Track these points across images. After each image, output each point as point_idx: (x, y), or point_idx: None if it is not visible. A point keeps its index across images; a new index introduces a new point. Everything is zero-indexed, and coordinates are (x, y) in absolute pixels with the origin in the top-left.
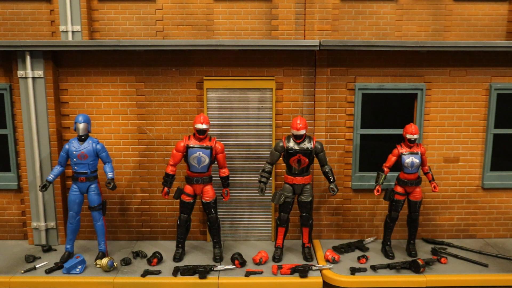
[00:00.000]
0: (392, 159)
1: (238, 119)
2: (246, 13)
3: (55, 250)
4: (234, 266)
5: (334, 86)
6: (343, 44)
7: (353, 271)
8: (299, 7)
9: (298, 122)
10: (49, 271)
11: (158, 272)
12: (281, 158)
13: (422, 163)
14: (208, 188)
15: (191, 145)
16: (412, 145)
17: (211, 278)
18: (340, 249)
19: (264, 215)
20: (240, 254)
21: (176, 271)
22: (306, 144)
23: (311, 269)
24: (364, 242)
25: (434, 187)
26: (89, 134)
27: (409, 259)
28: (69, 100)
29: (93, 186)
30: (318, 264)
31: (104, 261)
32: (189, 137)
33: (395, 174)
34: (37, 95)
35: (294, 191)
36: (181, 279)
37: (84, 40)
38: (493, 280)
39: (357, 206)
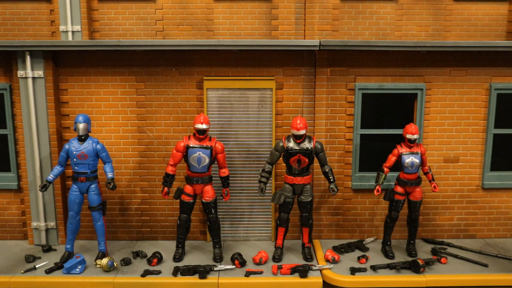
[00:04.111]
0: (392, 159)
1: (238, 119)
2: (246, 13)
3: (55, 250)
4: (234, 266)
5: (334, 86)
6: (343, 44)
7: (353, 271)
8: (299, 7)
9: (298, 122)
10: (49, 271)
11: (158, 272)
12: (281, 158)
13: (422, 163)
14: (208, 188)
15: (191, 145)
16: (412, 145)
17: (211, 278)
18: (340, 249)
19: (264, 215)
20: (240, 254)
21: (176, 271)
22: (306, 144)
23: (311, 269)
24: (364, 242)
25: (434, 187)
26: (89, 134)
27: (409, 259)
28: (69, 100)
29: (93, 186)
30: (318, 264)
31: (104, 261)
32: (189, 137)
33: (395, 174)
34: (37, 95)
35: (294, 191)
36: (181, 279)
37: (84, 40)
38: (493, 280)
39: (357, 206)
